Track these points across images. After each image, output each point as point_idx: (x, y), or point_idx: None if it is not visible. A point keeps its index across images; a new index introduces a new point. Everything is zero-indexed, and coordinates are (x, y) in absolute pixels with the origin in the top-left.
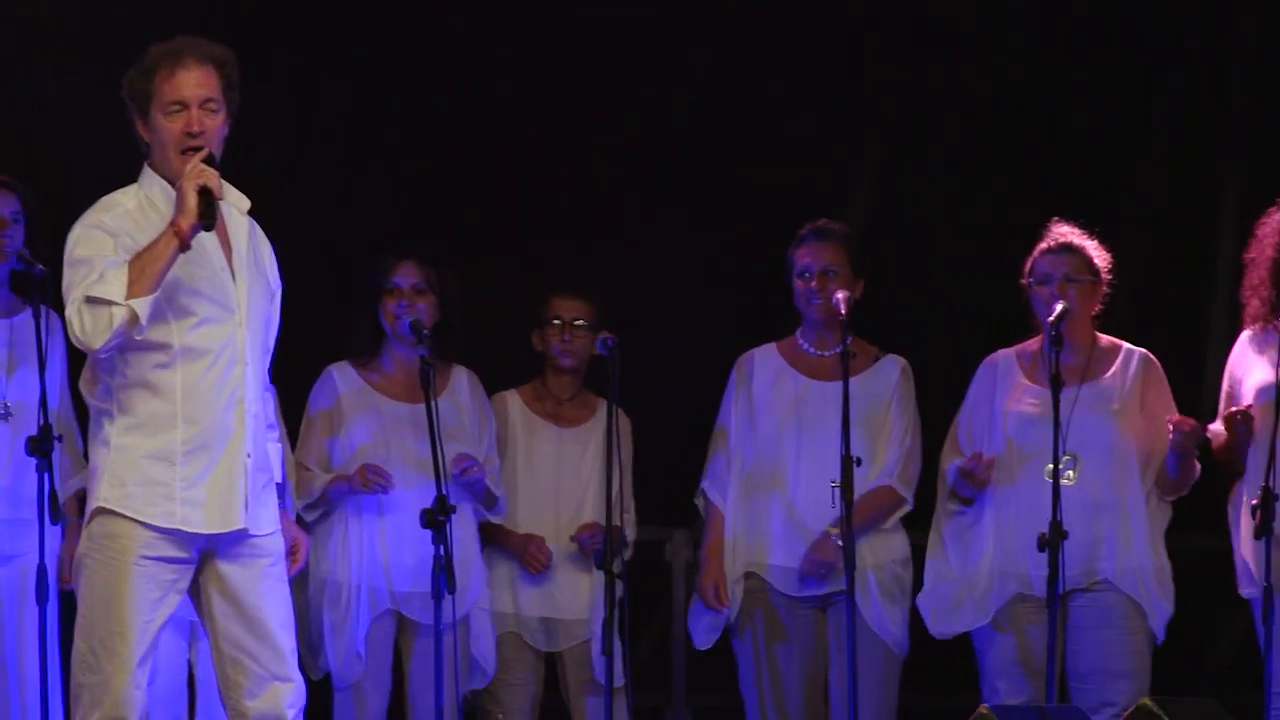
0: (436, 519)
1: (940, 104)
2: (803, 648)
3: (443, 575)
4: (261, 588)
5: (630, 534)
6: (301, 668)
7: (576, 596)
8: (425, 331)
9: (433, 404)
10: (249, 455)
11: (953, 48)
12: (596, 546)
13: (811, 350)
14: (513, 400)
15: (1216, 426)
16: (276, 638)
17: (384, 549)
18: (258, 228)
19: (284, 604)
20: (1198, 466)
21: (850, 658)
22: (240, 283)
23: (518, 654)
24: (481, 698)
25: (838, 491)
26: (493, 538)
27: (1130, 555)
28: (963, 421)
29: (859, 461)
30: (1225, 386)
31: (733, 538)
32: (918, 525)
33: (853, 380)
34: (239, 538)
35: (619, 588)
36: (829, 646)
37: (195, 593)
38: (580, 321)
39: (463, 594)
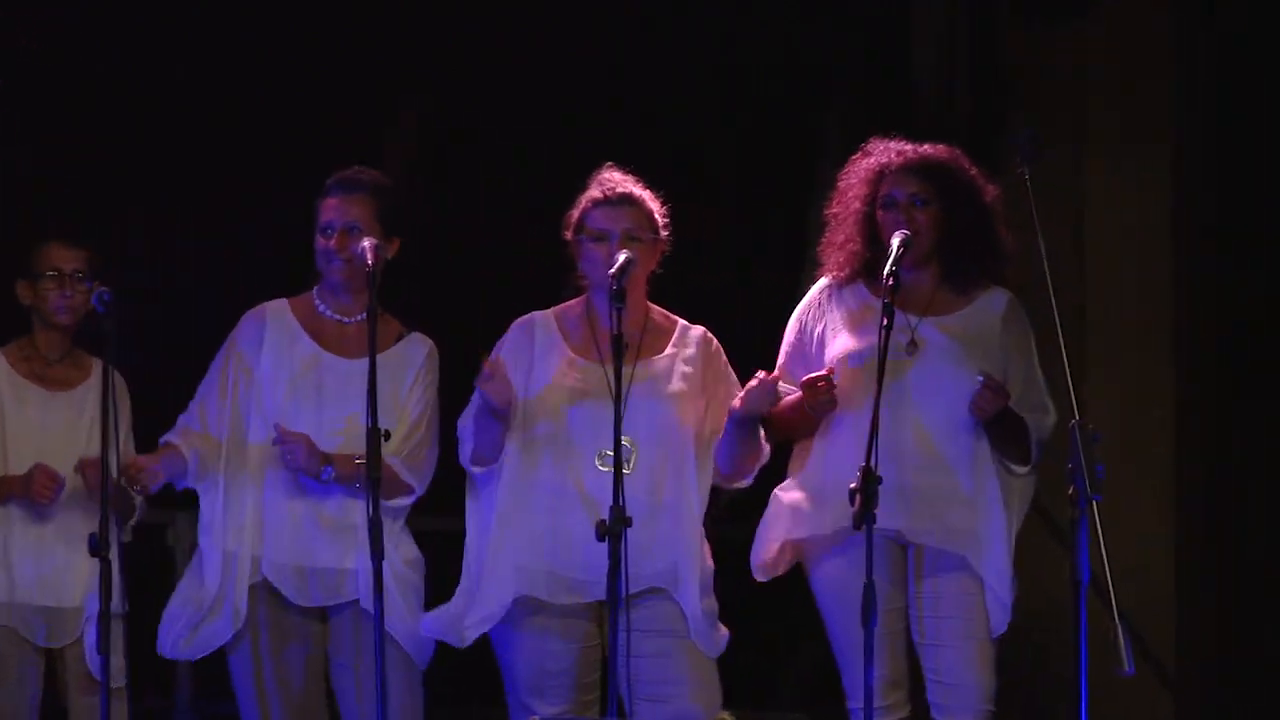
0: None
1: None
2: (306, 657)
3: None
4: None
5: (138, 497)
6: None
7: (77, 583)
8: None
9: None
10: None
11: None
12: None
13: (330, 314)
14: None
15: (783, 385)
16: None
17: None
18: None
19: None
20: (764, 448)
21: (379, 663)
22: None
23: (14, 649)
24: None
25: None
26: None
27: (686, 562)
28: None
29: (388, 435)
30: (792, 337)
31: (235, 532)
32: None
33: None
34: None
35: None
36: (329, 654)
37: None
38: (81, 273)
39: None
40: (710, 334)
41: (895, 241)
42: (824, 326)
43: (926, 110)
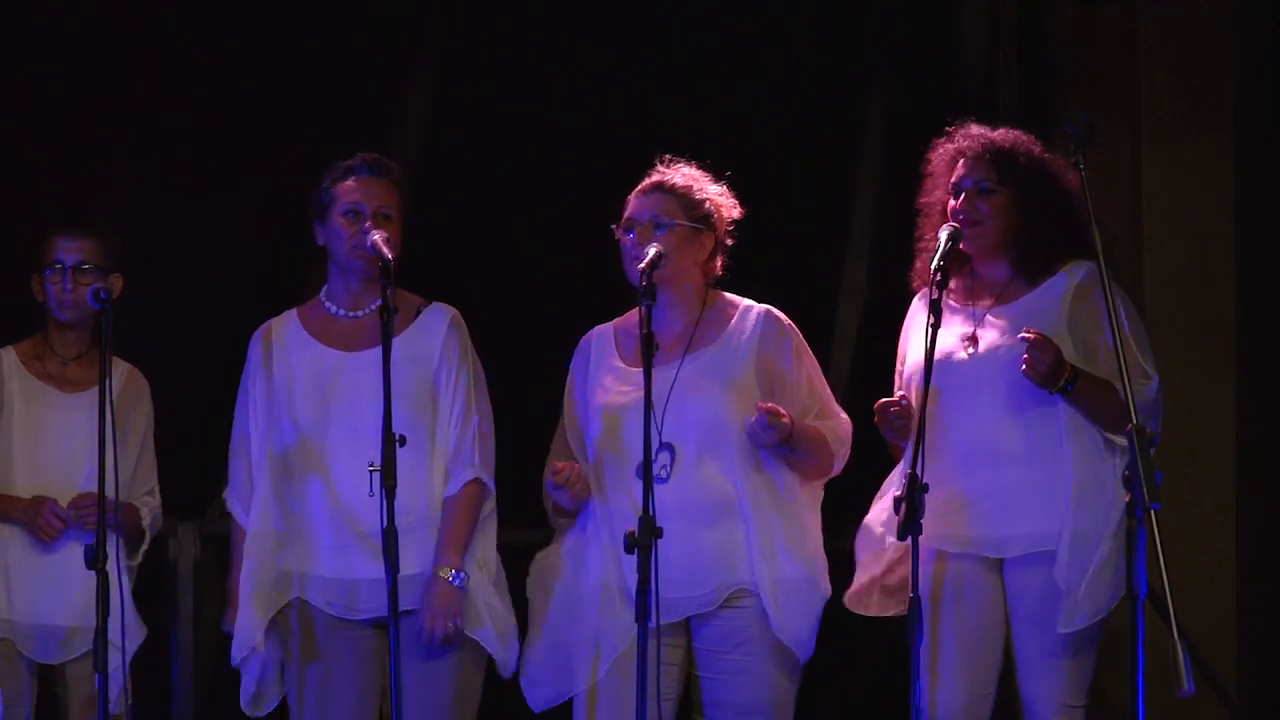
0: None
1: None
2: (355, 675)
3: None
4: None
5: (148, 518)
6: None
7: (81, 600)
8: None
9: None
10: None
11: None
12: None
13: (341, 313)
14: (7, 359)
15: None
16: None
17: None
18: None
19: None
20: (833, 444)
21: (395, 678)
22: None
23: (8, 666)
24: None
25: (377, 477)
26: None
27: (766, 564)
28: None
29: (403, 440)
30: (897, 360)
31: (270, 550)
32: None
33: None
34: None
35: (123, 588)
36: (381, 670)
37: None
38: (86, 265)
39: None
40: (775, 311)
41: (943, 235)
42: (909, 336)
43: (972, 98)
